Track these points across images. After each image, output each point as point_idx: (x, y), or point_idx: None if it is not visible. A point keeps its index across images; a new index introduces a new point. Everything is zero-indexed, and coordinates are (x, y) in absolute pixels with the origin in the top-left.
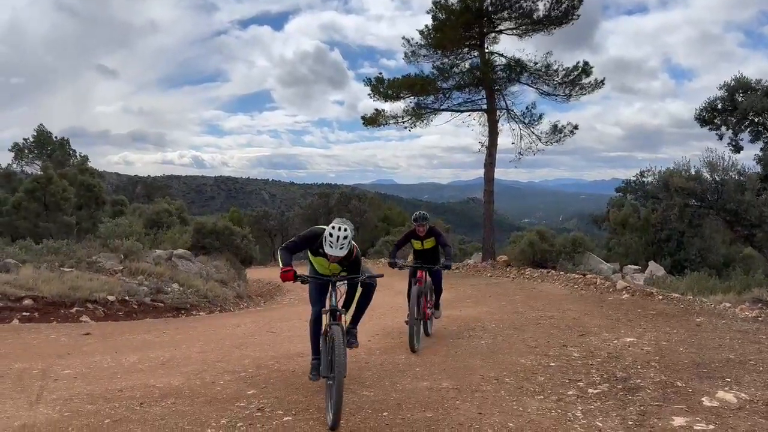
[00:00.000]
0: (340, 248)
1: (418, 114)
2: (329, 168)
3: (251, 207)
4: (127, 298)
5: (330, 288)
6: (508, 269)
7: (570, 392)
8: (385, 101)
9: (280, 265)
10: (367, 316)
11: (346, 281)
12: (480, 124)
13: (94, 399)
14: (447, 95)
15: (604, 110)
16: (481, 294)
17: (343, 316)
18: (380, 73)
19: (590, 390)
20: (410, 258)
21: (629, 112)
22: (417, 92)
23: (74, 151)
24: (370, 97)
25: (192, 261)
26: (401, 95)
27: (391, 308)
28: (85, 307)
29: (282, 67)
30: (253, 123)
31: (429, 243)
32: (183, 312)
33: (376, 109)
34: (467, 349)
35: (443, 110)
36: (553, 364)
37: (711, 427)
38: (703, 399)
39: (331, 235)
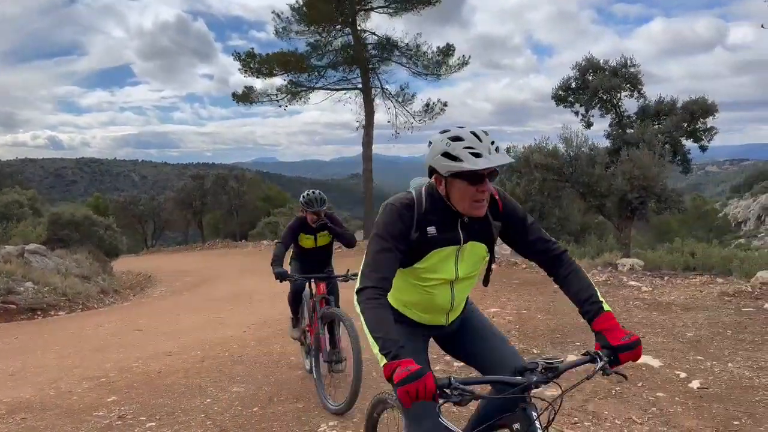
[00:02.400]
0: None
1: (293, 92)
2: (205, 146)
3: (120, 190)
4: None
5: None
6: None
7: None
8: (258, 77)
9: (383, 360)
10: (244, 305)
11: None
12: (356, 104)
13: None
14: (322, 73)
15: (474, 86)
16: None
17: None
18: (252, 48)
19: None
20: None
21: (497, 88)
22: (291, 69)
23: None
24: (241, 73)
25: (47, 256)
26: (274, 72)
27: (270, 295)
28: None
29: (141, 39)
30: (114, 99)
31: (324, 239)
32: (39, 313)
33: (247, 86)
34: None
35: (319, 88)
36: None
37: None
38: None
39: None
